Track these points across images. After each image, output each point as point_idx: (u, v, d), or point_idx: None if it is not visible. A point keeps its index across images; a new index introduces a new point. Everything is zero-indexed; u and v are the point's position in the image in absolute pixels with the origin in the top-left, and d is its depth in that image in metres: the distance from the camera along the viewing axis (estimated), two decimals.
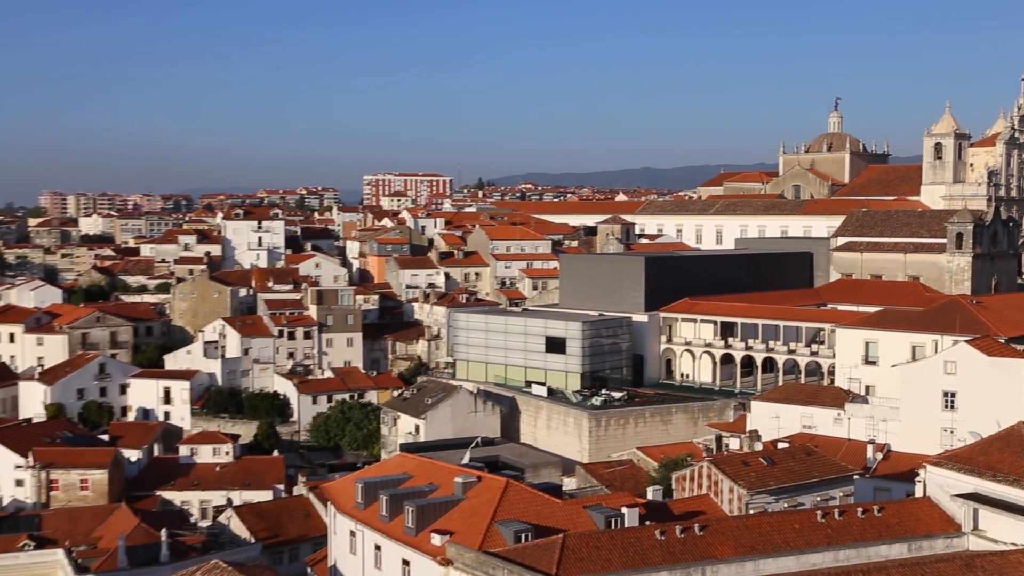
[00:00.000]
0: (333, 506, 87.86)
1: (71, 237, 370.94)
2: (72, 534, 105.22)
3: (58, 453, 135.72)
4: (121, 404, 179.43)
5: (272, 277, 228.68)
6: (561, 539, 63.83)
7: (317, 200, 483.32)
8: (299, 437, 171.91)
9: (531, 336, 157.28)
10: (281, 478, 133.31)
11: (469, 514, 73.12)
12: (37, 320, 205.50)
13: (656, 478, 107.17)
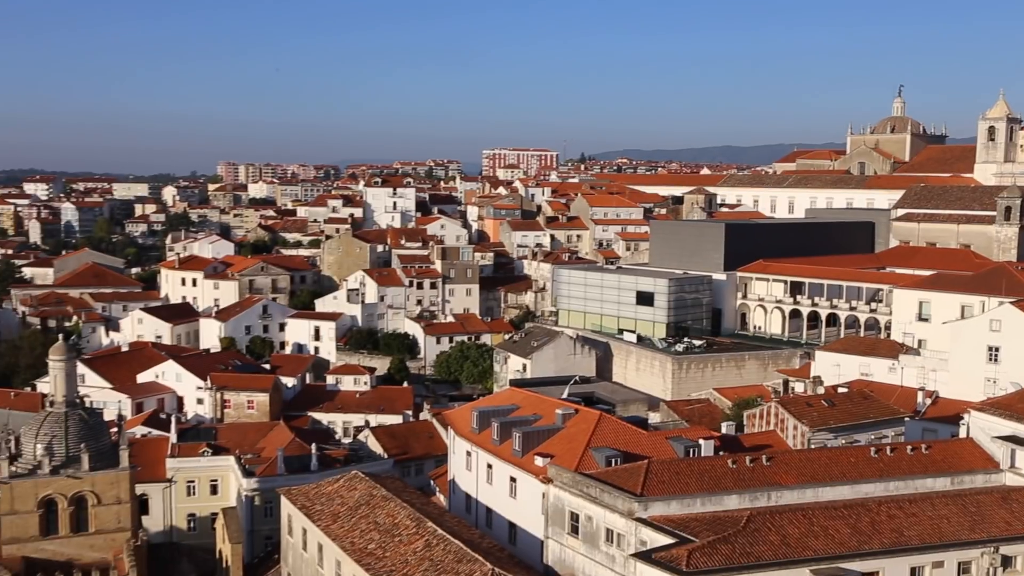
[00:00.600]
0: (452, 430, 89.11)
1: (241, 200, 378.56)
2: (240, 444, 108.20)
3: (230, 378, 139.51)
4: (280, 339, 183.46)
5: (404, 236, 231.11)
6: (646, 464, 64.29)
7: (443, 171, 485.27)
8: (425, 371, 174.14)
9: (624, 290, 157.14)
10: (409, 405, 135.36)
11: (567, 441, 73.84)
12: (214, 268, 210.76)
13: (730, 415, 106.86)
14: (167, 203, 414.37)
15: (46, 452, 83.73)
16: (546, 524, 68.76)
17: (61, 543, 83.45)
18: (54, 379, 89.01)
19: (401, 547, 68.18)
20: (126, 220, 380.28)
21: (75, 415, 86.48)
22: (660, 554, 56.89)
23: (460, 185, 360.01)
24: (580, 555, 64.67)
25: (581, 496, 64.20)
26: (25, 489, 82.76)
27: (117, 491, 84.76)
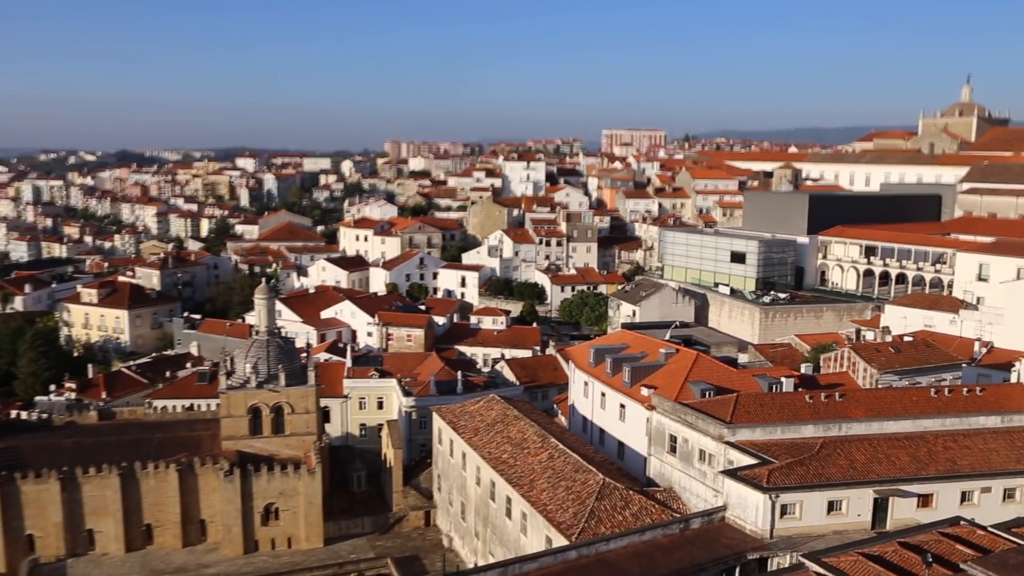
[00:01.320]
0: (573, 364, 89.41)
1: (403, 172, 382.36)
2: (401, 370, 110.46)
3: (393, 316, 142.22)
4: (433, 286, 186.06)
5: (535, 202, 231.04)
6: (735, 397, 63.57)
7: (568, 148, 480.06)
8: (551, 314, 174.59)
9: (720, 250, 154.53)
10: (537, 342, 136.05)
11: (668, 375, 73.46)
12: (381, 227, 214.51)
13: (808, 358, 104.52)
14: (345, 174, 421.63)
15: (253, 370, 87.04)
16: (649, 444, 68.71)
17: (264, 441, 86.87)
18: (259, 313, 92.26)
19: (529, 458, 69.06)
20: (313, 188, 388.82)
21: (274, 342, 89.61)
22: (744, 472, 56.44)
23: (583, 160, 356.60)
24: (677, 470, 64.51)
25: (679, 421, 63.93)
26: (238, 399, 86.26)
27: (306, 403, 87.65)
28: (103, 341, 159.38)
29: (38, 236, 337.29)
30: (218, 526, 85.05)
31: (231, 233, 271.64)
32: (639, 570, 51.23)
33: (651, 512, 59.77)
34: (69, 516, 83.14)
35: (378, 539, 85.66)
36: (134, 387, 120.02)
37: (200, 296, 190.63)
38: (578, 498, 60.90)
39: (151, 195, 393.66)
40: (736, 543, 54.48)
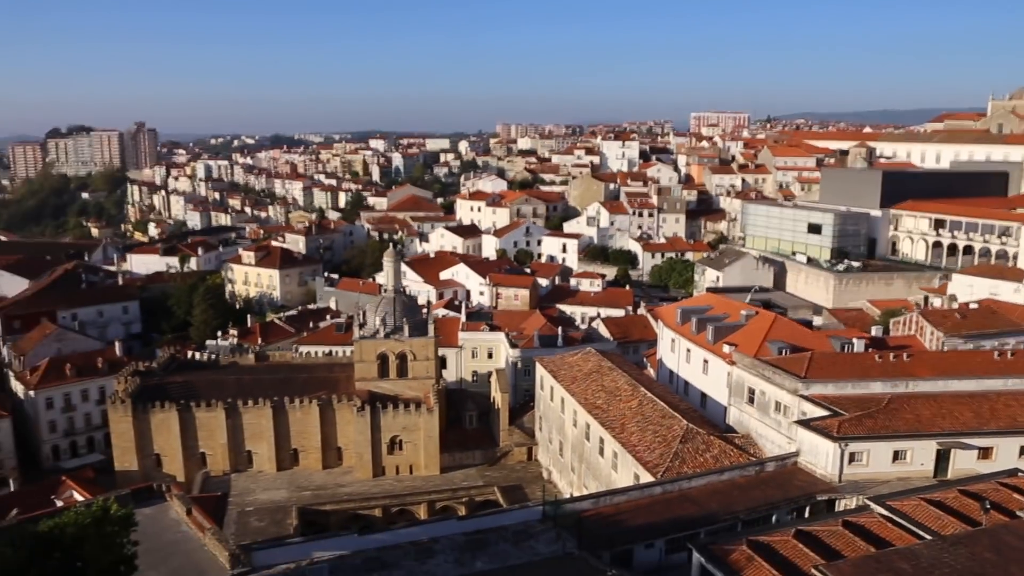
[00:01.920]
0: (662, 322, 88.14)
1: (512, 150, 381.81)
2: (508, 325, 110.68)
3: (502, 277, 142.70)
4: (537, 251, 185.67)
5: (629, 177, 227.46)
6: (809, 355, 61.56)
7: (660, 129, 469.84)
8: (642, 278, 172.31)
9: (798, 221, 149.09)
10: (630, 302, 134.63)
11: (749, 335, 71.60)
12: (493, 199, 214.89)
13: (878, 321, 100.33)
14: (461, 153, 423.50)
15: (381, 323, 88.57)
16: (729, 395, 67.25)
17: (391, 383, 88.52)
18: (387, 274, 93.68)
19: (620, 404, 68.47)
20: (434, 165, 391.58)
21: (400, 298, 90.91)
22: (816, 422, 54.69)
23: (673, 139, 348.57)
24: (754, 419, 62.98)
25: (757, 376, 62.27)
26: (369, 346, 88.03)
27: (427, 351, 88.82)
28: (259, 296, 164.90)
29: (208, 207, 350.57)
30: (351, 453, 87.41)
31: (364, 205, 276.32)
32: (718, 506, 50.37)
33: (729, 455, 58.60)
34: (232, 439, 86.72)
35: (486, 470, 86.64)
36: (283, 335, 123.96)
37: (338, 258, 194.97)
38: (664, 441, 60.14)
39: (298, 172, 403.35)
40: (807, 485, 52.99)
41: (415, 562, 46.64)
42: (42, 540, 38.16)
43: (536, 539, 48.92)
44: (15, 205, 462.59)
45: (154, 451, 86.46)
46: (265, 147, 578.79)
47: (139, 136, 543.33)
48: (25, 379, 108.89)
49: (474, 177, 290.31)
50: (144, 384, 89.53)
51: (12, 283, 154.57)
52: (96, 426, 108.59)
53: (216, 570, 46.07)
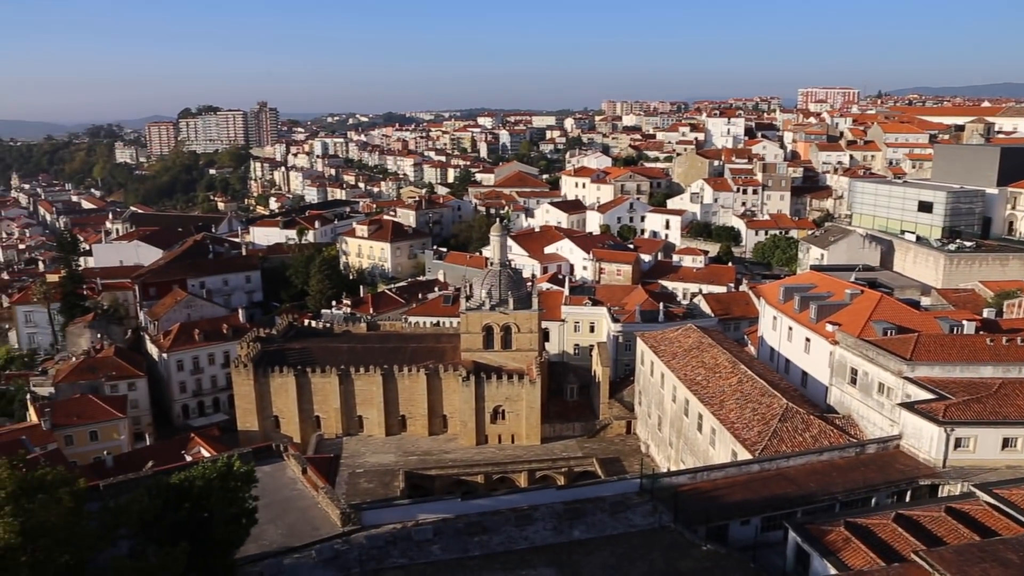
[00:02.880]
0: (764, 300, 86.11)
1: (617, 127, 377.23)
2: (610, 299, 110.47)
3: (605, 253, 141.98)
4: (640, 227, 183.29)
5: (734, 154, 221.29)
6: (916, 336, 59.04)
7: (767, 105, 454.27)
8: (744, 255, 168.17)
9: (907, 200, 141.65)
10: (732, 279, 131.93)
11: (852, 314, 69.15)
12: (597, 175, 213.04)
13: (991, 303, 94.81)
14: (567, 130, 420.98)
15: (487, 295, 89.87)
16: (831, 375, 65.35)
17: (495, 354, 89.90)
18: (493, 248, 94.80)
19: (720, 381, 67.57)
20: (540, 141, 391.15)
21: (505, 272, 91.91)
22: (921, 405, 52.61)
23: (779, 116, 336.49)
24: (855, 400, 61.07)
25: (861, 356, 60.26)
26: (475, 318, 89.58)
27: (530, 324, 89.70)
28: (371, 267, 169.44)
29: (325, 183, 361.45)
30: (456, 421, 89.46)
31: (472, 180, 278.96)
32: (815, 486, 49.28)
33: (829, 436, 57.11)
34: (345, 404, 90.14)
35: (585, 441, 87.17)
36: (394, 305, 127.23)
37: (446, 232, 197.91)
38: (763, 419, 59.12)
39: (409, 149, 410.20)
40: (909, 469, 51.16)
41: (515, 528, 47.66)
42: (174, 491, 40.99)
43: (632, 511, 49.16)
44: (150, 181, 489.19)
45: (273, 413, 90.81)
46: (378, 125, 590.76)
47: (261, 115, 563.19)
48: (159, 342, 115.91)
49: (579, 154, 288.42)
50: (264, 350, 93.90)
51: (148, 253, 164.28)
52: (221, 388, 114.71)
53: (328, 527, 48.33)
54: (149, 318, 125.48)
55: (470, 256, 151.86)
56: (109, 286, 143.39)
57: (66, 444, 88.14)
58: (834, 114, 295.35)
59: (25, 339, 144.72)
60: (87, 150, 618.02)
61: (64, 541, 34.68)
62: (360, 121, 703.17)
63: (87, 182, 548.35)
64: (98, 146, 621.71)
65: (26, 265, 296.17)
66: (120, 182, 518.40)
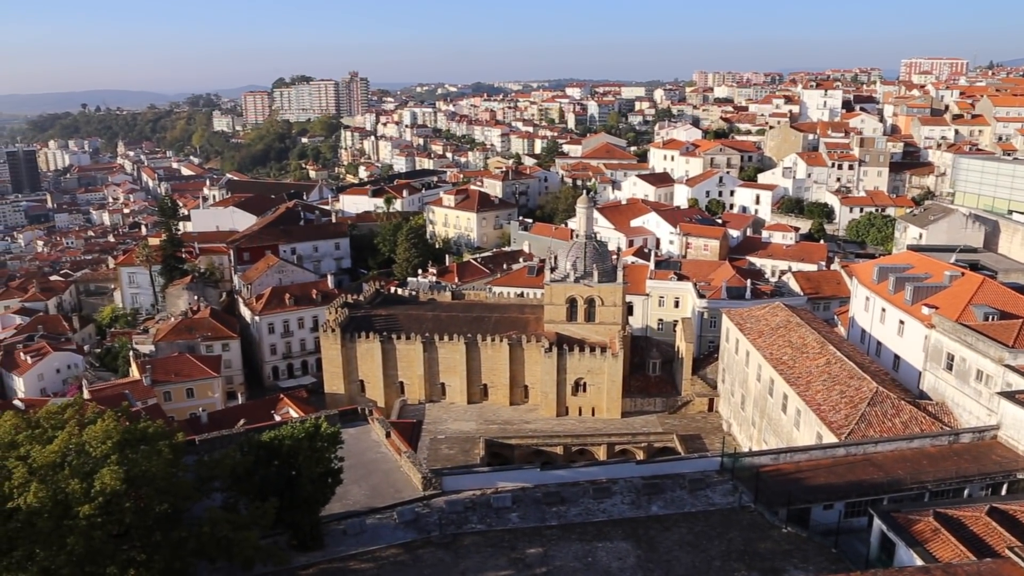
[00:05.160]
0: (856, 279, 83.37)
1: (708, 99, 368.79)
2: (696, 275, 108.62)
3: (693, 227, 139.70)
4: (729, 202, 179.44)
5: (830, 128, 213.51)
6: (1021, 322, 56.31)
7: (866, 76, 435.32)
8: (837, 233, 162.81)
9: (1017, 178, 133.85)
10: (823, 257, 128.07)
11: (951, 297, 66.32)
12: (686, 148, 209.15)
13: None
14: (656, 101, 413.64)
15: (572, 267, 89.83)
16: (925, 359, 63.02)
17: (578, 327, 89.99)
18: (579, 220, 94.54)
19: (807, 361, 66.04)
20: (629, 113, 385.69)
21: (590, 244, 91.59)
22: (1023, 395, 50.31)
23: (879, 88, 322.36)
24: (951, 387, 58.79)
25: (959, 341, 57.89)
26: (558, 290, 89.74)
27: (614, 297, 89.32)
28: (457, 237, 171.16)
29: (413, 152, 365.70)
30: (537, 392, 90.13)
31: (559, 151, 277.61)
32: (904, 473, 47.80)
33: (920, 422, 55.24)
34: (428, 371, 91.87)
35: (666, 417, 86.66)
36: (478, 275, 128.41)
37: (532, 203, 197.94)
38: (851, 402, 57.58)
39: (497, 119, 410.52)
40: (1006, 462, 49.09)
41: (593, 500, 47.97)
42: (264, 449, 42.77)
43: (712, 489, 48.82)
44: (245, 149, 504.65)
45: (359, 377, 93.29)
46: (467, 95, 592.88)
47: (352, 85, 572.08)
48: (252, 305, 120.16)
49: (668, 126, 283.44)
50: (352, 315, 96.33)
51: (243, 219, 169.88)
52: (309, 351, 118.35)
53: (410, 490, 49.62)
54: (243, 282, 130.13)
55: (556, 228, 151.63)
56: (206, 250, 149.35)
57: (164, 400, 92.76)
58: (939, 86, 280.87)
59: (129, 299, 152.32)
60: (187, 119, 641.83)
61: (163, 490, 36.70)
62: (449, 91, 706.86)
63: (187, 150, 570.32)
64: (197, 115, 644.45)
65: (130, 229, 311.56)
66: (217, 150, 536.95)
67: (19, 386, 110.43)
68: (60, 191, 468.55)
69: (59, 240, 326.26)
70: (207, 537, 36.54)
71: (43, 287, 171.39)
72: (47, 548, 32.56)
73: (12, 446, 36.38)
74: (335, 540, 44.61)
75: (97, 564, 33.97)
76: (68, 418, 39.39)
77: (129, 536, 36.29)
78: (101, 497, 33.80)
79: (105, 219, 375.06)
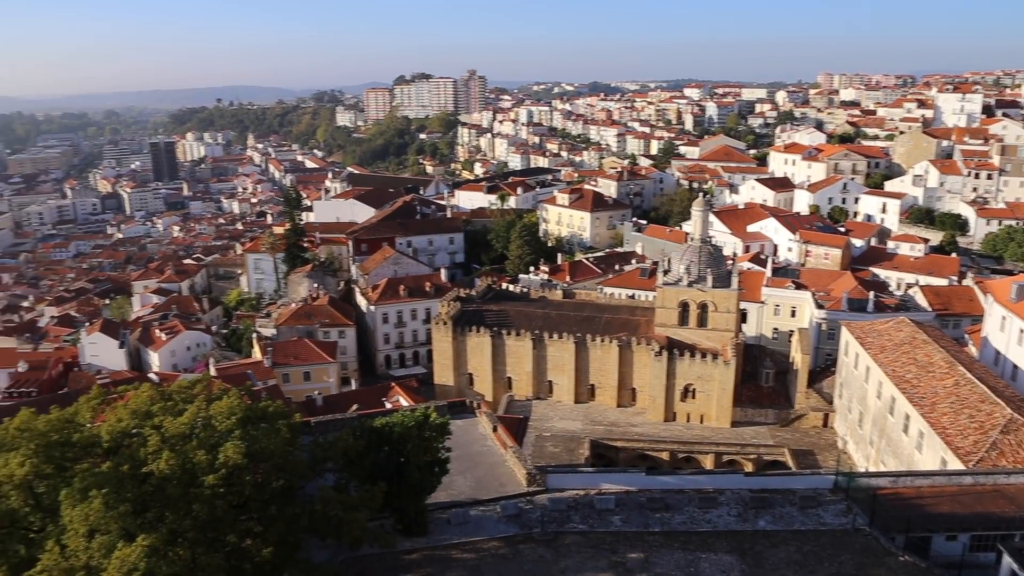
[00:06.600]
0: (991, 297, 78.54)
1: (833, 102, 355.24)
2: (815, 284, 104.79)
3: (813, 235, 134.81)
4: (853, 210, 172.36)
5: (967, 134, 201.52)
6: None
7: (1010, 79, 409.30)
8: (972, 247, 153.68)
9: None
10: (955, 272, 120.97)
11: None
12: (809, 152, 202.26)
13: None
14: (778, 103, 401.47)
15: (685, 271, 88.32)
16: None
17: (689, 332, 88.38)
18: (694, 223, 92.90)
19: (933, 381, 62.64)
20: (749, 115, 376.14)
21: (705, 248, 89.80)
22: None
23: None
24: None
25: None
26: (671, 293, 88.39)
27: (728, 304, 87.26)
28: (569, 236, 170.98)
29: (528, 150, 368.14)
30: (645, 395, 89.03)
31: (675, 153, 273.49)
32: None
33: None
34: (536, 368, 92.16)
35: (777, 430, 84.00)
36: (590, 274, 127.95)
37: (647, 205, 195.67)
38: (981, 427, 54.20)
39: (613, 119, 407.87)
40: None
41: (698, 510, 47.04)
42: (375, 434, 43.96)
43: (824, 508, 47.04)
44: (366, 143, 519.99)
45: (468, 370, 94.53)
46: (583, 94, 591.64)
47: (470, 83, 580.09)
48: (367, 295, 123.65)
49: (790, 129, 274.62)
50: (464, 309, 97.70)
51: (362, 211, 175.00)
52: (421, 342, 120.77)
53: (514, 485, 49.95)
54: (360, 272, 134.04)
55: (670, 230, 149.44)
56: (326, 240, 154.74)
57: (283, 381, 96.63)
58: None
59: (254, 284, 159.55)
60: (312, 114, 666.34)
61: (280, 467, 38.28)
62: (565, 90, 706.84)
63: (311, 143, 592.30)
64: (322, 110, 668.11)
65: (257, 217, 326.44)
66: (339, 144, 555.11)
67: (154, 360, 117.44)
68: (195, 180, 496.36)
69: (193, 226, 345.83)
70: (319, 515, 37.89)
71: (178, 269, 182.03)
72: (175, 512, 34.52)
73: (148, 416, 38.70)
74: (439, 528, 45.40)
75: (218, 531, 35.77)
76: (197, 393, 41.62)
77: (247, 508, 38.03)
78: (224, 469, 35.55)
79: (235, 207, 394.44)
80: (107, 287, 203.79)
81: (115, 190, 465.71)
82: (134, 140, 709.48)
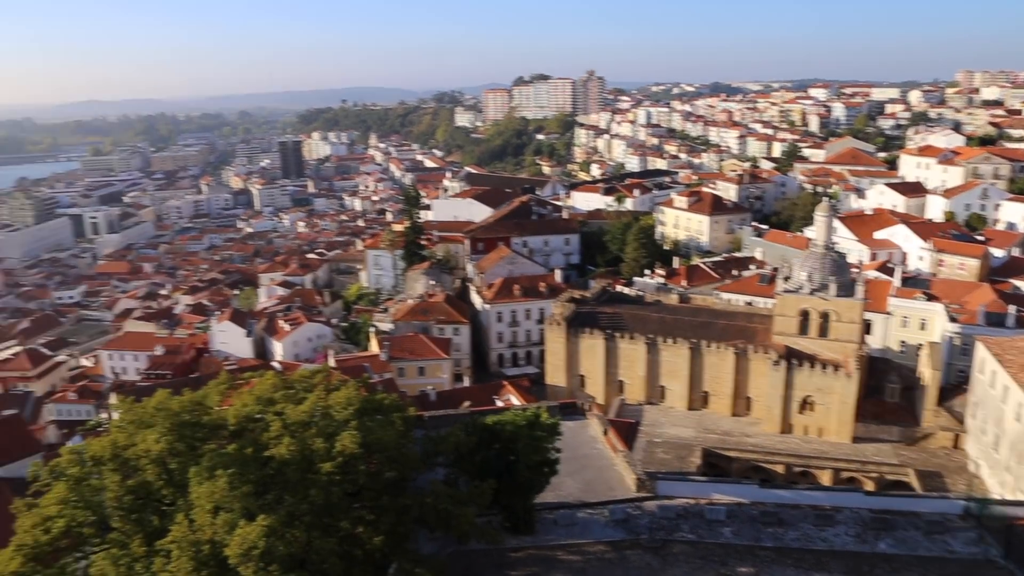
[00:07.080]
0: None
1: (973, 101, 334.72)
2: (948, 296, 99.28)
3: (948, 243, 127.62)
4: (993, 217, 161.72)
5: None
6: None
7: None
8: None
9: None
10: None
11: None
12: (945, 156, 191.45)
13: None
14: (911, 104, 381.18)
15: (807, 278, 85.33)
16: None
17: (809, 341, 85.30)
18: (817, 229, 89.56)
19: None
20: (879, 116, 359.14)
21: (829, 255, 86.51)
22: None
23: None
24: None
25: None
26: (791, 301, 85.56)
27: (852, 314, 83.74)
28: (687, 239, 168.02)
29: (646, 152, 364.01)
30: (761, 405, 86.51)
31: (799, 155, 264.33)
32: None
33: None
34: (649, 372, 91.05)
35: (902, 449, 79.86)
36: (707, 279, 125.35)
37: (767, 209, 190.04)
38: None
39: (734, 120, 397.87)
40: None
41: (813, 527, 45.37)
42: (487, 431, 44.46)
43: (952, 535, 44.44)
44: (485, 144, 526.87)
45: (579, 372, 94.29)
46: (703, 95, 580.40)
47: (588, 84, 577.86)
48: (483, 293, 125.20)
49: (924, 131, 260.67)
50: (578, 310, 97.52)
51: (479, 210, 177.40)
52: (533, 342, 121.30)
53: (622, 489, 49.46)
54: (476, 270, 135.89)
55: (792, 236, 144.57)
56: (444, 238, 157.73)
57: (398, 375, 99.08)
58: None
59: (373, 279, 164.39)
60: (432, 114, 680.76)
61: (394, 459, 39.27)
62: (685, 91, 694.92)
63: (430, 143, 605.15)
64: (441, 111, 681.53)
65: (377, 215, 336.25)
66: (458, 144, 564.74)
67: (277, 350, 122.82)
68: (320, 178, 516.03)
69: (317, 222, 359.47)
70: (429, 508, 38.65)
71: (302, 263, 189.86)
72: (293, 495, 35.97)
73: (271, 402, 40.47)
74: (546, 528, 45.49)
75: (333, 517, 37.02)
76: (317, 383, 43.21)
77: (361, 496, 39.19)
78: (340, 457, 36.79)
79: (356, 205, 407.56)
80: (236, 278, 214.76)
81: (246, 186, 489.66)
82: (264, 139, 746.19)
